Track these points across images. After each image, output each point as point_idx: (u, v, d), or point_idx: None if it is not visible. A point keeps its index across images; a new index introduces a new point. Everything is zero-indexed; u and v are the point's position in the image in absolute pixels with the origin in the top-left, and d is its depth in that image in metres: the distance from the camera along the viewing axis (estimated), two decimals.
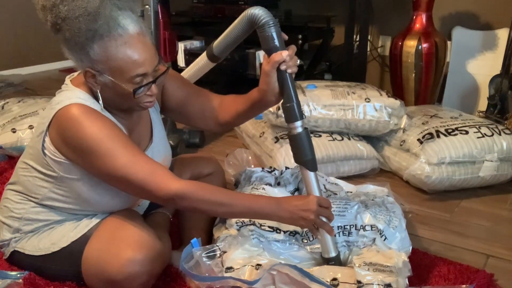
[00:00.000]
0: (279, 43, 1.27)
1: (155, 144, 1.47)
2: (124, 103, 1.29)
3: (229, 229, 1.48)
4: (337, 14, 3.09)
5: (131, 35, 1.20)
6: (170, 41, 2.49)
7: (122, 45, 1.19)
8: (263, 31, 1.27)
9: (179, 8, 3.38)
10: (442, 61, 2.79)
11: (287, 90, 1.28)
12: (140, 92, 1.25)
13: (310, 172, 1.33)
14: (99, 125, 1.23)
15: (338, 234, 1.42)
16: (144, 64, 1.22)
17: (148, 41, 1.24)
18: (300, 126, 1.31)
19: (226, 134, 2.70)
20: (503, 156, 2.04)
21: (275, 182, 1.74)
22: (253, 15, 1.29)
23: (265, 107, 1.42)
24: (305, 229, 1.45)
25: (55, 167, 1.31)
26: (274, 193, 1.59)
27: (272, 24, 1.27)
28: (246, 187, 1.68)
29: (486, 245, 1.55)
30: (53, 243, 1.37)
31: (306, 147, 1.31)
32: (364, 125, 2.16)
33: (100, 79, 1.23)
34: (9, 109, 2.57)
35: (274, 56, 1.26)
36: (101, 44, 1.18)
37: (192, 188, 1.25)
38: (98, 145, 1.21)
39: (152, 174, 1.23)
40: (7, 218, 1.43)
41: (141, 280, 1.26)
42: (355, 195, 1.69)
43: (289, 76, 1.28)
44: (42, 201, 1.38)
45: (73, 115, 1.23)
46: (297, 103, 1.30)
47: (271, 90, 1.30)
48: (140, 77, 1.23)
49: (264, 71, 1.29)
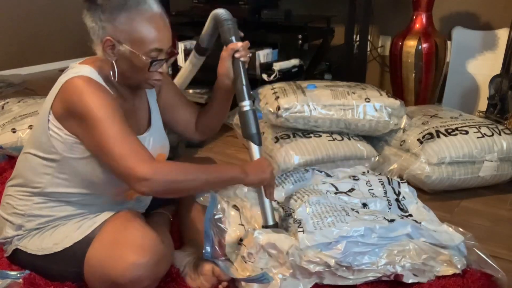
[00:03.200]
0: (235, 36, 1.55)
1: (153, 131, 1.51)
2: (136, 76, 1.37)
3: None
4: (337, 14, 3.09)
5: (156, 13, 1.32)
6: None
7: (147, 19, 1.30)
8: (223, 26, 1.57)
9: (179, 8, 3.38)
10: (442, 61, 2.79)
11: (239, 75, 1.53)
12: (155, 65, 1.34)
13: (255, 146, 1.55)
14: (100, 95, 1.28)
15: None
16: (163, 41, 1.33)
17: (167, 23, 1.36)
18: (248, 105, 1.54)
19: (226, 134, 2.71)
20: (503, 156, 2.04)
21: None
22: (216, 14, 1.62)
23: (225, 93, 1.57)
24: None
25: (59, 148, 1.33)
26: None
27: (230, 22, 1.57)
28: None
29: (486, 245, 1.55)
30: (56, 243, 1.37)
31: (252, 123, 1.54)
32: (364, 125, 2.16)
33: (120, 48, 1.31)
34: (9, 109, 2.57)
35: (230, 45, 1.53)
36: (128, 15, 1.29)
37: (167, 167, 1.29)
38: (95, 112, 1.25)
39: (137, 151, 1.25)
40: (10, 215, 1.43)
41: (145, 283, 1.26)
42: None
43: (241, 63, 1.53)
44: (45, 189, 1.38)
45: (78, 84, 1.29)
46: (246, 85, 1.53)
47: (226, 74, 1.53)
48: (157, 52, 1.33)
49: (222, 57, 1.53)
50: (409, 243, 1.44)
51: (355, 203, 1.61)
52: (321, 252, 1.38)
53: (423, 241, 1.46)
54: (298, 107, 2.11)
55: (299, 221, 1.47)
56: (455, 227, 1.55)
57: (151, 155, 1.28)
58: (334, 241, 1.39)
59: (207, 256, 1.46)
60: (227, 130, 2.67)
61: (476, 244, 1.50)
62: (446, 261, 1.46)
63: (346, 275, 1.40)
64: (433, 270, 1.44)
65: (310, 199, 1.55)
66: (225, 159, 2.34)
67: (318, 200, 1.55)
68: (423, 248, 1.44)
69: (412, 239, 1.46)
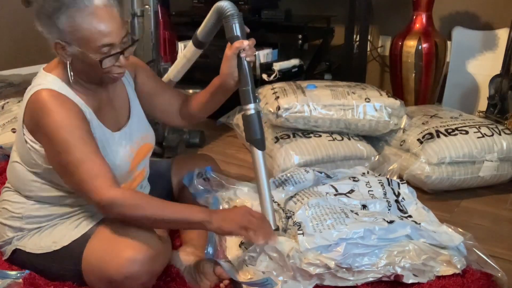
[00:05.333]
0: (241, 33, 1.44)
1: (133, 121, 1.48)
2: (94, 74, 1.31)
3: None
4: (337, 14, 3.09)
5: (97, 6, 1.24)
6: (170, 41, 2.49)
7: (88, 15, 1.23)
8: (228, 22, 1.44)
9: (179, 8, 3.37)
10: (442, 61, 2.79)
11: (244, 76, 1.43)
12: (108, 62, 1.28)
13: (258, 151, 1.47)
14: (63, 114, 1.26)
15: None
16: (111, 35, 1.25)
17: (115, 12, 1.28)
18: (253, 108, 1.46)
19: (226, 134, 2.70)
20: (503, 156, 2.04)
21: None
22: (221, 8, 1.47)
23: (225, 91, 1.50)
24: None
25: (38, 160, 1.33)
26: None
27: (236, 16, 1.44)
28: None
29: (486, 245, 1.55)
30: (54, 241, 1.37)
31: (257, 127, 1.46)
32: (364, 125, 2.16)
33: (69, 50, 1.27)
34: (9, 109, 2.57)
35: (235, 43, 1.41)
36: (67, 15, 1.22)
37: (124, 198, 1.24)
38: (57, 133, 1.24)
39: (95, 177, 1.23)
40: (7, 219, 1.43)
41: (141, 280, 1.26)
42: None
43: (247, 63, 1.43)
44: (37, 194, 1.39)
45: (41, 99, 1.27)
46: (252, 87, 1.44)
47: (230, 74, 1.43)
48: (107, 47, 1.26)
49: (226, 56, 1.43)
50: (409, 243, 1.44)
51: (354, 204, 1.61)
52: (321, 254, 1.38)
53: (422, 242, 1.46)
54: (298, 107, 2.11)
55: (299, 223, 1.47)
56: (454, 227, 1.55)
57: (113, 179, 1.25)
58: (334, 243, 1.39)
59: (208, 257, 1.46)
60: (227, 130, 2.67)
61: (475, 244, 1.50)
62: (446, 261, 1.46)
63: (346, 277, 1.40)
64: (433, 270, 1.44)
65: (309, 202, 1.55)
66: (225, 159, 2.34)
67: (317, 202, 1.55)
68: (423, 248, 1.44)
69: (412, 240, 1.46)
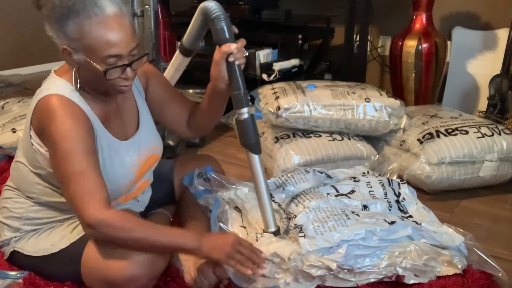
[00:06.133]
0: (229, 36, 1.35)
1: (142, 132, 1.46)
2: (99, 84, 1.28)
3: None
4: (337, 14, 3.09)
5: (108, 15, 1.20)
6: (170, 41, 2.50)
7: (97, 24, 1.19)
8: (214, 24, 1.36)
9: (179, 8, 3.37)
10: (442, 61, 2.79)
11: (235, 80, 1.37)
12: (113, 74, 1.24)
13: (254, 155, 1.45)
14: (70, 124, 1.23)
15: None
16: (118, 46, 1.21)
17: (126, 23, 1.23)
18: (246, 113, 1.42)
19: (226, 134, 2.70)
20: (503, 156, 2.04)
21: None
22: (206, 9, 1.37)
23: (220, 96, 1.44)
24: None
25: (43, 163, 1.32)
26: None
27: (223, 18, 1.35)
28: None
29: (486, 245, 1.55)
30: (53, 244, 1.37)
31: (251, 131, 1.43)
32: (364, 125, 2.16)
33: (76, 57, 1.23)
34: (9, 109, 2.57)
35: (223, 47, 1.34)
36: (76, 21, 1.19)
37: (113, 220, 1.20)
38: (60, 143, 1.22)
39: (88, 194, 1.20)
40: (7, 219, 1.43)
41: (142, 282, 1.26)
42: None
43: (237, 67, 1.36)
44: (38, 199, 1.38)
45: (50, 105, 1.25)
46: (244, 91, 1.39)
47: (221, 78, 1.37)
48: (114, 58, 1.22)
49: (214, 60, 1.36)
50: (410, 244, 1.44)
51: (355, 205, 1.61)
52: (323, 256, 1.38)
53: (423, 242, 1.46)
54: (298, 107, 2.11)
55: (300, 226, 1.47)
56: (455, 227, 1.55)
57: (106, 199, 1.22)
58: (335, 245, 1.39)
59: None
60: (227, 130, 2.67)
61: (476, 245, 1.50)
62: (446, 261, 1.46)
63: (348, 278, 1.40)
64: (434, 271, 1.45)
65: (310, 204, 1.55)
66: (225, 159, 2.34)
67: (318, 204, 1.55)
68: (424, 249, 1.44)
69: (413, 240, 1.46)
